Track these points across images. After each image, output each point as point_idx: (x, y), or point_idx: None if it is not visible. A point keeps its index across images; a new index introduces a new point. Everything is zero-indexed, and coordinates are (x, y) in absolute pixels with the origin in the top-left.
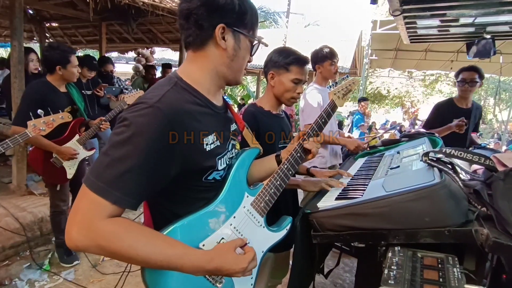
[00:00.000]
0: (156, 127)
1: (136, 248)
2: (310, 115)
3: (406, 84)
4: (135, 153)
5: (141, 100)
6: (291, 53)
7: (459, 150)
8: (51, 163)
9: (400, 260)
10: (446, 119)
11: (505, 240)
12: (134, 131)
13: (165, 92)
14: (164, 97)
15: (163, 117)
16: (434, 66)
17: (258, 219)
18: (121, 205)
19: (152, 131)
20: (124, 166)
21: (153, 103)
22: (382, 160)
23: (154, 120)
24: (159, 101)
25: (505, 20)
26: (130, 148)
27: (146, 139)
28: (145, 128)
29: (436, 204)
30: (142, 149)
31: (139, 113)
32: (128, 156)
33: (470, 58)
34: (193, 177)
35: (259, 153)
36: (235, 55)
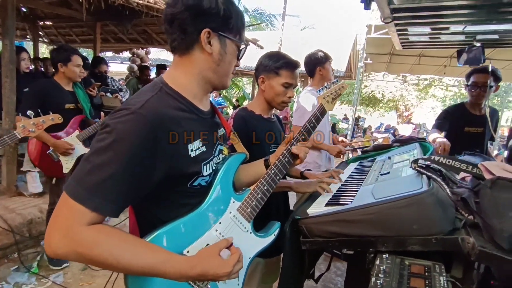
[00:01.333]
0: (138, 134)
1: (117, 255)
2: (302, 116)
3: (400, 88)
4: (117, 159)
5: (124, 106)
6: (281, 57)
7: (447, 158)
8: (48, 155)
9: (387, 267)
10: (457, 126)
11: (491, 249)
12: (116, 137)
13: (148, 98)
14: (148, 103)
15: (146, 123)
16: (427, 71)
17: (244, 225)
18: (101, 212)
19: (134, 138)
20: (105, 173)
21: (135, 109)
22: (373, 165)
23: (136, 127)
24: (142, 107)
25: (494, 29)
26: (112, 155)
27: (127, 145)
28: (127, 134)
29: (423, 211)
30: (123, 155)
31: (121, 120)
32: (110, 162)
33: (460, 65)
34: (178, 183)
35: (245, 159)
36: (221, 59)
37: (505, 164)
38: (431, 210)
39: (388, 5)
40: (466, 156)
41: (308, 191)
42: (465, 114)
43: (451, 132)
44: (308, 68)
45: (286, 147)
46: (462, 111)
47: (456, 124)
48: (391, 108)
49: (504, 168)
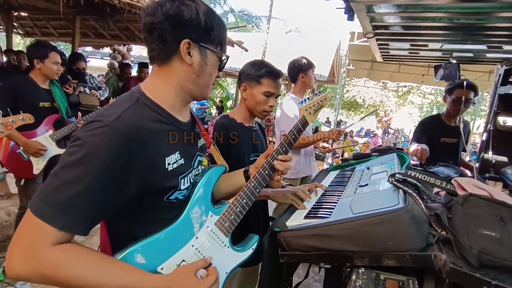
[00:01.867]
0: (112, 148)
1: (85, 277)
2: (287, 124)
3: (380, 94)
4: (87, 175)
5: (97, 117)
6: (263, 66)
7: (423, 173)
8: (17, 154)
9: (363, 283)
10: (434, 136)
11: (462, 265)
12: (87, 151)
13: (124, 109)
14: (123, 115)
15: (120, 137)
16: (407, 78)
17: (222, 239)
18: (69, 231)
19: (107, 152)
20: (74, 190)
21: (109, 122)
22: (353, 175)
23: (109, 140)
24: (117, 120)
25: (469, 48)
26: (82, 170)
27: (99, 160)
28: (99, 148)
29: (398, 228)
30: (95, 171)
31: (94, 133)
32: (79, 178)
33: (437, 80)
34: (154, 197)
35: (225, 171)
36: (202, 71)
37: (477, 180)
38: (406, 227)
39: (370, 22)
40: (440, 168)
41: (284, 202)
42: (441, 125)
43: (428, 143)
44: (291, 74)
45: (266, 159)
46: (438, 122)
47: (433, 135)
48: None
49: (475, 185)
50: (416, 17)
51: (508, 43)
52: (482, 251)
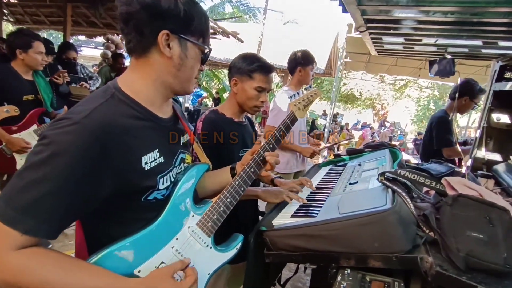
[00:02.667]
0: (81, 147)
1: (52, 283)
2: (276, 116)
3: (377, 87)
4: (54, 176)
5: (67, 114)
6: (256, 60)
7: (413, 173)
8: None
9: (348, 285)
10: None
11: (448, 268)
12: (54, 150)
13: (96, 106)
14: (94, 112)
15: (90, 135)
16: (403, 72)
17: (204, 240)
18: (33, 235)
19: (75, 151)
20: (40, 191)
21: (79, 119)
22: (344, 172)
23: (78, 139)
24: (87, 117)
25: (464, 44)
26: (48, 170)
27: (67, 160)
28: (67, 148)
29: (385, 230)
30: (62, 171)
31: (62, 131)
32: (45, 179)
33: (432, 76)
34: (131, 197)
35: (208, 169)
36: (182, 64)
37: (467, 180)
38: (392, 228)
39: (361, 15)
40: (433, 164)
41: (275, 202)
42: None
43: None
44: (289, 65)
45: (252, 157)
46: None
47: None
48: (368, 106)
49: (466, 185)
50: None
51: (503, 39)
52: (469, 254)
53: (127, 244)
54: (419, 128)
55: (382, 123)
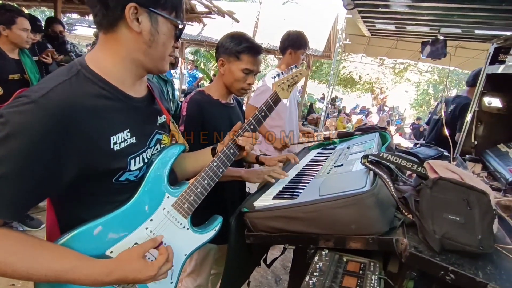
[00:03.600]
0: (39, 128)
1: (12, 264)
2: (259, 95)
3: (377, 70)
4: (10, 157)
5: (26, 92)
6: (244, 40)
7: (395, 155)
8: None
9: (324, 265)
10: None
11: (423, 250)
12: (10, 131)
13: (57, 84)
14: (54, 91)
15: (49, 115)
16: (404, 55)
17: (180, 221)
18: None
19: (32, 132)
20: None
21: (36, 97)
22: (331, 155)
23: (35, 119)
24: (45, 96)
25: (457, 23)
26: (3, 152)
27: (24, 141)
28: (23, 128)
29: (361, 212)
30: (18, 153)
31: (17, 110)
32: (1, 161)
33: (424, 57)
34: (100, 179)
35: (184, 150)
36: (153, 40)
37: (449, 164)
38: (369, 210)
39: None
40: (422, 148)
41: (257, 182)
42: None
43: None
44: (281, 45)
45: (232, 137)
46: None
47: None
48: (367, 90)
49: (448, 168)
50: None
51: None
52: (445, 236)
53: (98, 225)
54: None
55: (381, 108)
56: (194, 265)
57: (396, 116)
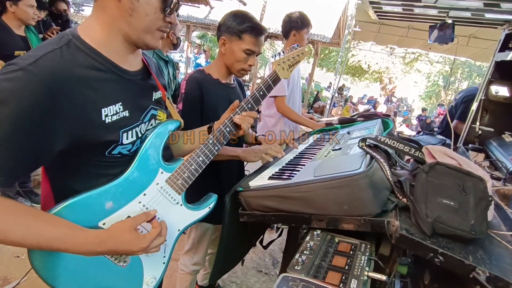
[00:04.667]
0: (28, 95)
1: (4, 230)
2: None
3: (387, 60)
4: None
5: (15, 59)
6: (247, 19)
7: (393, 139)
8: None
9: (315, 244)
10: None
11: (414, 233)
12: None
13: (47, 52)
14: (43, 58)
15: (38, 83)
16: (414, 44)
17: (174, 197)
18: None
19: (20, 100)
20: None
21: (25, 65)
22: (331, 139)
23: (23, 86)
24: (34, 64)
25: (466, 6)
26: None
27: (13, 108)
28: (12, 96)
29: (354, 193)
30: (7, 120)
31: (6, 77)
32: None
33: (430, 42)
34: (93, 151)
35: (179, 126)
36: (133, 9)
37: (448, 149)
38: (362, 192)
39: None
40: (424, 136)
41: (254, 160)
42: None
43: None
44: (283, 29)
45: (228, 115)
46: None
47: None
48: (376, 79)
49: (446, 153)
50: None
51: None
52: (437, 220)
53: (92, 196)
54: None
55: (389, 98)
56: (191, 243)
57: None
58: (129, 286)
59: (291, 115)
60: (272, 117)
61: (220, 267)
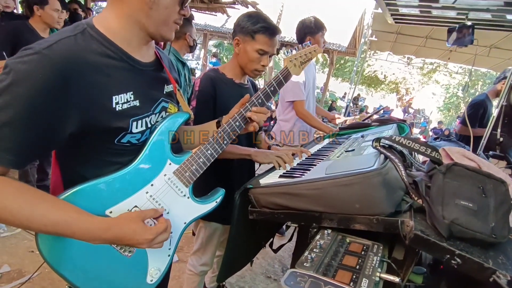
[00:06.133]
0: (41, 77)
1: (11, 210)
2: (292, 90)
3: (404, 70)
4: (14, 104)
5: (30, 45)
6: (261, 20)
7: (408, 139)
8: None
9: (325, 243)
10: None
11: (430, 234)
12: (13, 79)
13: (61, 38)
14: (58, 43)
15: (52, 66)
16: (433, 54)
17: (181, 189)
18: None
19: (34, 81)
20: (0, 119)
21: (40, 49)
22: (344, 142)
23: (38, 68)
24: (49, 48)
25: (486, 6)
26: (7, 99)
27: (27, 89)
28: (26, 76)
29: (366, 191)
30: (22, 100)
31: (21, 60)
32: (5, 107)
33: (449, 45)
34: (102, 138)
35: (189, 118)
36: (154, 2)
37: (467, 151)
38: (375, 190)
39: None
40: (442, 141)
41: (265, 162)
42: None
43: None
44: (298, 35)
45: (238, 110)
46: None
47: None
48: (392, 90)
49: (464, 155)
50: None
51: None
52: (454, 222)
53: (100, 184)
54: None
55: (406, 109)
56: (200, 243)
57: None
58: (134, 276)
59: (310, 120)
60: (288, 122)
61: (228, 266)
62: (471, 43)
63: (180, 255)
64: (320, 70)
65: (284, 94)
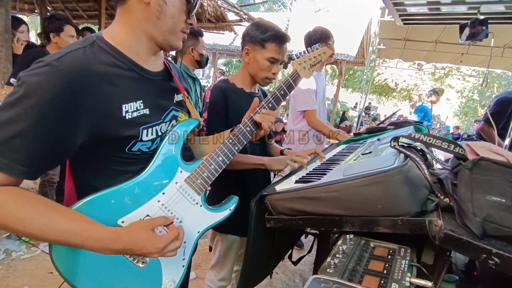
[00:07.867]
0: (52, 88)
1: (23, 220)
2: (303, 100)
3: (415, 76)
4: (25, 116)
5: (41, 58)
6: (270, 29)
7: (428, 136)
8: None
9: (348, 248)
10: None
11: (459, 233)
12: (26, 91)
13: (71, 50)
14: (68, 56)
15: (61, 77)
16: (444, 59)
17: (193, 197)
18: (8, 173)
19: (45, 92)
20: (12, 130)
21: (50, 61)
22: (360, 146)
23: (48, 80)
24: (59, 60)
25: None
26: (20, 111)
27: (38, 100)
28: (37, 88)
29: (388, 190)
30: (33, 111)
31: (33, 72)
32: (17, 119)
33: (462, 42)
34: (113, 147)
35: (198, 125)
36: (161, 11)
37: (493, 145)
38: (397, 189)
39: None
40: (463, 142)
41: (280, 168)
42: None
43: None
44: (307, 46)
45: (249, 115)
46: None
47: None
48: (404, 97)
49: (491, 149)
50: None
51: None
52: (487, 219)
53: (111, 193)
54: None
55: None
56: (217, 257)
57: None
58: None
59: (322, 129)
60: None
61: (247, 278)
62: (486, 37)
63: (198, 272)
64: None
65: (295, 103)
